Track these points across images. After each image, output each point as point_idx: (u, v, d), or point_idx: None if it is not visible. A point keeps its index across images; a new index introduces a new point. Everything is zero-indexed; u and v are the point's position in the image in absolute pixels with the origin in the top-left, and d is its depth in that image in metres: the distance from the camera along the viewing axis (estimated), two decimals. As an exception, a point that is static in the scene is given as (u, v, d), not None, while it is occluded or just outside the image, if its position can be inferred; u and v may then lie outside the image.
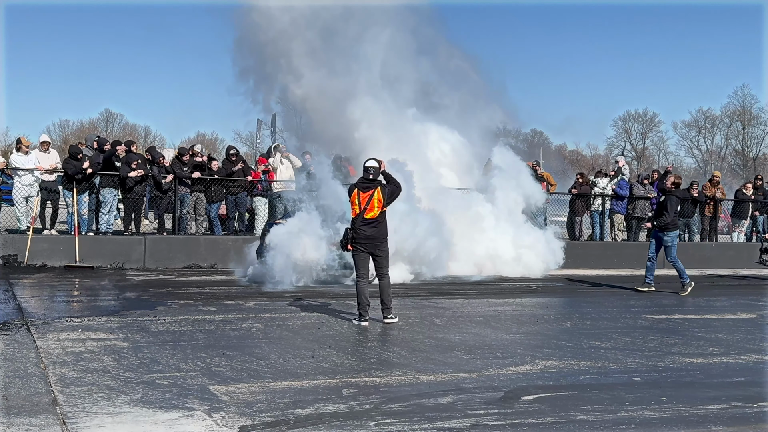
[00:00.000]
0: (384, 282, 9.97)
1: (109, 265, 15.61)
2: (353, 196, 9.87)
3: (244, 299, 11.77)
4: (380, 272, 9.99)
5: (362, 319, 9.85)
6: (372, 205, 9.74)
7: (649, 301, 13.54)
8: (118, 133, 69.17)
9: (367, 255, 9.91)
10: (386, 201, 9.82)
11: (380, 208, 9.77)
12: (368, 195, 9.76)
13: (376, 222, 9.78)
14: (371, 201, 9.74)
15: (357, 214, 9.80)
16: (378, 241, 9.82)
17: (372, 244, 9.81)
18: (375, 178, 9.85)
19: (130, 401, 5.93)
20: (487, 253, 17.15)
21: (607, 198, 21.28)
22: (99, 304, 11.00)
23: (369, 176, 9.81)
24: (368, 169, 9.86)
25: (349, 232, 9.86)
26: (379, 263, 9.95)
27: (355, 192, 9.87)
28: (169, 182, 17.05)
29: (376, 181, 9.86)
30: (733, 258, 22.19)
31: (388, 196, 9.83)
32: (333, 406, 6.00)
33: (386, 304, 9.96)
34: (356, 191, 9.86)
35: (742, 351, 8.98)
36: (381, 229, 9.83)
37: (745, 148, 79.06)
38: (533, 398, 6.49)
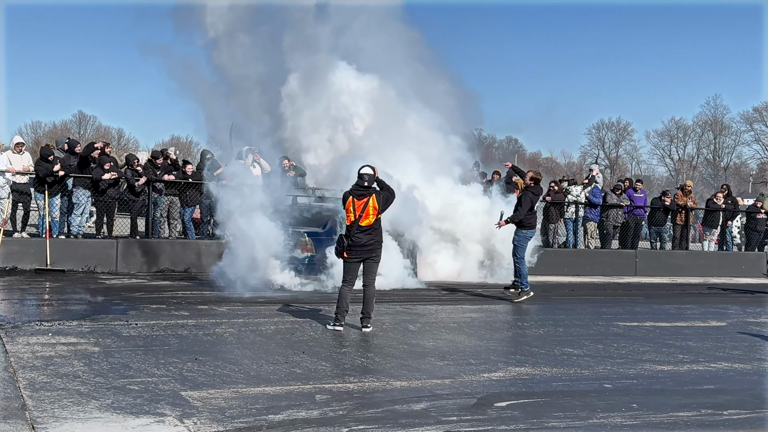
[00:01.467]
0: (369, 291, 9.89)
1: (80, 269, 15.44)
2: (348, 203, 9.76)
3: (217, 304, 11.70)
4: (368, 279, 9.91)
5: (337, 324, 9.78)
6: (367, 213, 9.67)
7: (621, 309, 13.65)
8: (91, 135, 68.61)
9: (359, 263, 9.87)
10: (381, 208, 9.77)
11: (375, 215, 9.71)
12: (363, 202, 9.68)
13: (371, 229, 9.73)
14: (366, 208, 9.67)
15: (352, 222, 9.71)
16: (373, 247, 9.78)
17: (367, 250, 9.76)
18: (370, 185, 9.77)
19: (101, 406, 5.87)
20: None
21: (581, 206, 21.44)
22: (70, 308, 10.88)
23: (364, 183, 9.72)
24: (363, 176, 9.76)
25: (344, 239, 9.76)
26: (369, 268, 9.88)
27: (350, 200, 9.77)
28: (142, 185, 16.92)
29: (371, 189, 9.78)
30: (704, 266, 22.43)
31: (382, 203, 9.78)
32: (306, 412, 5.98)
33: (367, 314, 9.88)
34: (351, 198, 9.76)
35: (712, 359, 9.09)
36: (376, 236, 9.79)
37: (717, 158, 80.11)
38: (506, 405, 6.51)
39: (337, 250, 9.93)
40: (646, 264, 21.60)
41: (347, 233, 9.78)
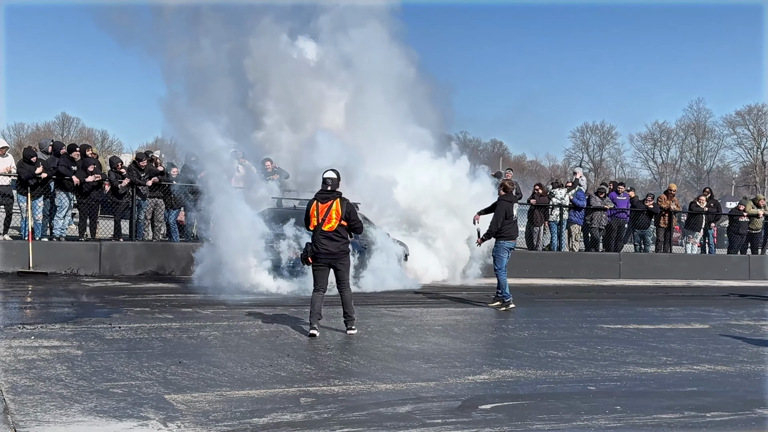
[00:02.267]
0: (346, 294, 9.78)
1: (63, 272, 15.35)
2: (312, 208, 9.65)
3: (201, 307, 11.66)
4: (341, 285, 9.78)
5: (311, 328, 9.56)
6: (330, 217, 9.51)
7: (604, 311, 13.71)
8: (75, 137, 68.15)
9: (327, 269, 9.72)
10: (344, 214, 9.56)
11: (338, 220, 9.52)
12: (326, 206, 9.56)
13: (336, 234, 9.55)
14: (329, 212, 9.52)
15: (315, 227, 9.60)
16: (338, 255, 9.60)
17: (332, 258, 9.60)
18: (334, 190, 9.66)
19: (84, 410, 5.83)
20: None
21: (565, 209, 21.52)
22: (53, 311, 10.81)
23: (327, 188, 9.62)
24: (326, 180, 9.66)
25: (309, 246, 9.68)
26: (340, 277, 9.73)
27: (314, 204, 9.67)
28: (125, 187, 16.83)
29: (335, 193, 9.66)
30: (687, 269, 22.57)
31: (346, 210, 9.58)
32: (291, 415, 5.97)
33: (349, 315, 9.80)
34: (315, 203, 9.66)
35: (695, 361, 9.14)
36: (341, 244, 9.60)
37: (699, 161, 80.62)
38: (490, 407, 6.52)
39: (302, 255, 9.83)
40: (629, 266, 21.72)
41: (312, 239, 9.67)
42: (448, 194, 17.81)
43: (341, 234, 9.59)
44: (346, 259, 9.77)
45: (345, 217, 9.56)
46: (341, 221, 9.54)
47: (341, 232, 9.59)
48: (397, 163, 17.67)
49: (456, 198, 17.69)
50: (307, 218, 9.69)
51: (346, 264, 9.79)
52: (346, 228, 9.62)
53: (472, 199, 16.81)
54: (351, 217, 9.61)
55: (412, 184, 17.63)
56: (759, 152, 76.07)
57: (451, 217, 17.70)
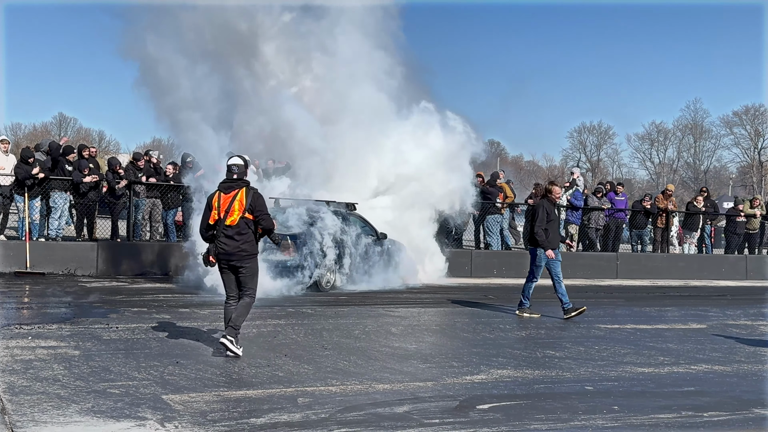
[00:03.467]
0: (242, 301, 8.25)
1: (60, 272, 15.33)
2: (213, 200, 8.21)
3: (199, 307, 11.65)
4: (241, 291, 8.29)
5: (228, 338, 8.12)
6: (233, 209, 8.08)
7: (602, 311, 13.72)
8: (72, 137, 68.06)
9: (231, 272, 8.30)
10: (248, 205, 8.08)
11: (241, 213, 8.06)
12: (230, 197, 8.12)
13: (237, 232, 8.09)
14: (232, 204, 8.09)
15: (216, 221, 8.14)
16: (239, 256, 8.12)
17: (234, 259, 8.14)
18: (240, 178, 8.23)
19: (81, 410, 5.83)
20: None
21: (563, 209, 21.54)
22: (50, 312, 10.80)
23: (233, 176, 8.18)
24: (231, 167, 8.23)
25: (212, 244, 8.26)
26: (243, 282, 8.25)
27: (216, 195, 8.24)
28: (122, 187, 16.83)
29: (242, 182, 8.23)
30: (684, 269, 22.60)
31: (251, 201, 8.09)
32: (288, 416, 5.97)
33: (233, 324, 8.14)
34: (217, 194, 8.24)
35: (692, 361, 9.15)
36: (244, 243, 8.11)
37: (697, 161, 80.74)
38: (488, 407, 6.53)
39: (204, 256, 8.39)
40: (626, 266, 21.73)
41: (214, 235, 8.21)
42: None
43: (244, 230, 8.11)
44: (250, 261, 8.22)
45: (249, 208, 8.10)
46: (245, 213, 8.09)
47: (244, 227, 8.11)
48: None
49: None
50: (207, 212, 8.29)
51: (250, 267, 8.23)
52: (251, 223, 8.15)
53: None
54: (257, 208, 8.13)
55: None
56: (756, 152, 76.20)
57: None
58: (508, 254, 20.69)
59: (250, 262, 8.21)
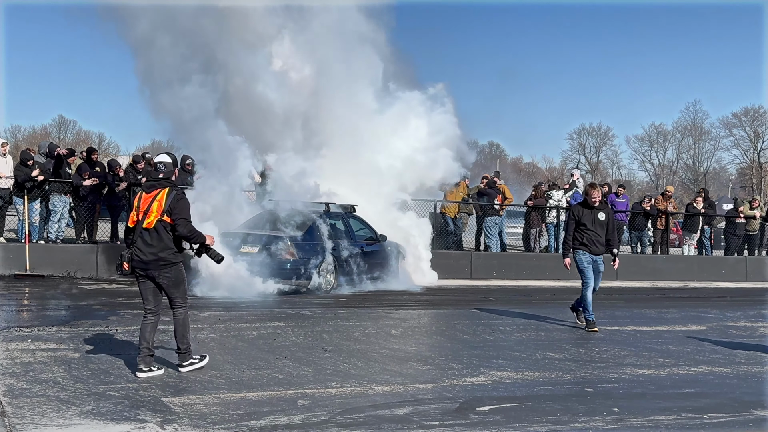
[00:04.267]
0: (176, 317, 7.50)
1: (60, 274, 15.32)
2: (135, 199, 7.53)
3: (198, 309, 11.63)
4: (171, 304, 7.52)
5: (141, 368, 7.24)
6: (151, 210, 7.27)
7: (601, 313, 13.69)
8: (71, 139, 68.15)
9: (149, 282, 7.46)
10: (168, 207, 7.26)
11: (159, 215, 7.24)
12: (151, 197, 7.34)
13: (152, 235, 7.27)
14: (152, 205, 7.29)
15: (135, 223, 7.38)
16: (156, 265, 7.29)
17: (151, 267, 7.32)
18: (167, 178, 7.43)
19: (81, 413, 5.83)
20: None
21: (562, 210, 21.53)
22: (49, 314, 10.80)
23: (158, 174, 7.43)
24: (158, 165, 7.50)
25: (126, 250, 7.47)
26: (168, 293, 7.46)
27: (138, 195, 7.53)
28: (122, 190, 16.82)
29: (167, 182, 7.43)
30: (684, 270, 22.60)
31: (172, 203, 7.27)
32: (288, 418, 5.97)
33: (179, 347, 7.48)
34: (139, 193, 7.51)
35: (692, 362, 9.15)
36: (157, 249, 7.26)
37: (696, 163, 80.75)
38: (488, 409, 6.52)
39: (117, 262, 7.57)
40: (626, 268, 21.66)
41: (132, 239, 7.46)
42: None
43: (161, 235, 7.28)
44: (170, 270, 7.37)
45: (168, 210, 7.26)
46: (163, 216, 7.26)
47: (161, 232, 7.28)
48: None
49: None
50: (128, 213, 7.66)
51: (171, 277, 7.39)
52: (169, 227, 7.32)
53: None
54: (174, 211, 7.27)
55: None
56: (755, 154, 76.19)
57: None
58: (507, 256, 20.70)
59: (169, 271, 7.35)
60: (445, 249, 19.76)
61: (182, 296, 7.49)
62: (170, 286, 7.41)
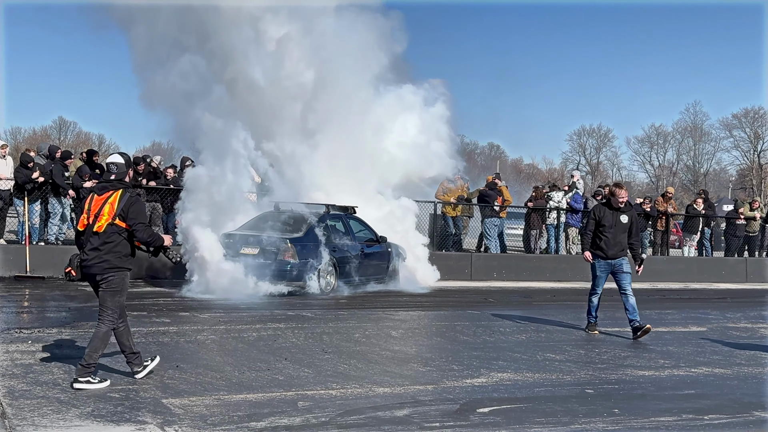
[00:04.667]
0: (99, 329, 6.98)
1: (60, 276, 15.29)
2: (86, 201, 7.10)
3: (198, 311, 11.64)
4: (100, 313, 7.04)
5: (136, 369, 7.12)
6: (102, 213, 6.89)
7: (602, 314, 13.69)
8: (72, 141, 68.16)
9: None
10: (120, 212, 6.88)
11: (110, 218, 6.86)
12: (102, 199, 6.96)
13: (104, 239, 6.87)
14: (103, 207, 6.91)
15: (86, 227, 6.98)
16: (100, 268, 6.88)
17: (93, 270, 6.91)
18: (119, 179, 7.07)
19: (81, 414, 5.83)
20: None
21: (562, 212, 21.54)
22: (50, 316, 10.80)
23: (110, 176, 7.05)
24: (109, 166, 7.10)
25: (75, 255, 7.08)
26: (101, 299, 7.00)
27: (88, 197, 7.11)
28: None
29: (119, 183, 7.06)
30: (684, 272, 22.59)
31: (125, 206, 6.90)
32: (288, 419, 5.97)
33: (85, 359, 6.79)
34: (90, 196, 7.10)
35: (693, 364, 9.15)
36: (104, 253, 6.86)
37: (696, 164, 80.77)
38: (488, 410, 6.52)
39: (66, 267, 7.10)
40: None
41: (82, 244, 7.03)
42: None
43: (111, 239, 6.89)
44: (112, 274, 6.93)
45: (121, 214, 6.89)
46: (114, 219, 6.88)
47: (112, 236, 6.89)
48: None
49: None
50: (78, 216, 7.31)
51: (112, 282, 6.94)
52: (124, 232, 6.94)
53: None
54: (130, 215, 6.92)
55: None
56: (755, 155, 76.22)
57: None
58: (507, 257, 20.70)
59: (112, 276, 6.91)
60: (445, 250, 19.78)
61: (113, 307, 7.00)
62: (106, 291, 6.94)
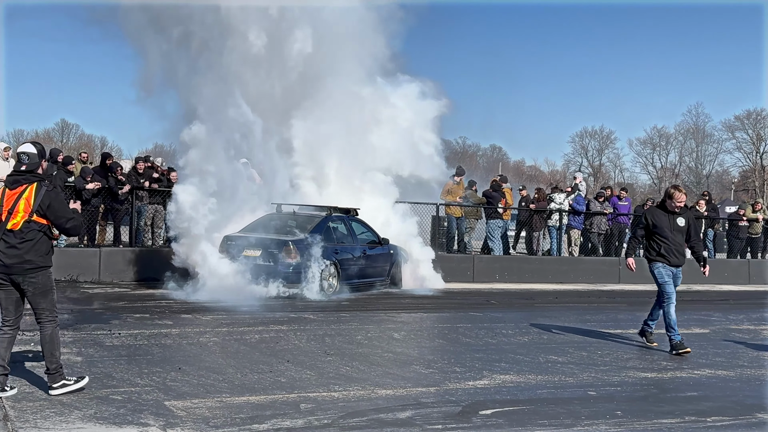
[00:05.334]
0: (44, 333, 6.66)
1: (63, 278, 15.30)
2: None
3: (201, 313, 11.65)
4: (37, 317, 6.72)
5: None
6: (17, 209, 6.41)
7: (604, 316, 13.71)
8: (74, 143, 68.21)
9: (12, 289, 6.59)
10: (38, 207, 6.43)
11: (27, 215, 6.41)
12: (15, 194, 6.45)
13: (21, 237, 6.43)
14: (17, 203, 6.42)
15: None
16: (21, 269, 6.47)
17: (13, 272, 6.47)
18: (31, 171, 6.53)
19: (84, 417, 5.83)
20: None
21: (564, 214, 21.53)
22: (52, 318, 10.79)
23: (21, 167, 6.52)
24: (20, 156, 6.55)
25: None
26: (33, 303, 6.62)
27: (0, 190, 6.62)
28: (125, 193, 16.84)
29: (33, 176, 6.53)
30: (686, 273, 22.40)
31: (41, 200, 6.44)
32: (291, 421, 5.96)
33: (48, 367, 6.53)
34: (2, 190, 6.59)
35: (695, 366, 9.14)
36: (24, 251, 6.44)
37: (699, 166, 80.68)
38: (491, 413, 6.52)
39: None
40: (629, 271, 21.56)
41: None
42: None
43: (30, 237, 6.47)
44: (35, 275, 6.56)
45: (39, 210, 6.44)
46: (32, 216, 6.43)
47: (31, 233, 6.47)
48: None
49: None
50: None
51: (38, 283, 6.61)
52: (44, 227, 6.56)
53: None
54: (50, 211, 6.50)
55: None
56: (758, 156, 76.13)
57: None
58: (510, 259, 20.68)
59: (35, 276, 6.56)
60: (448, 252, 19.77)
61: (50, 307, 6.69)
62: (36, 294, 6.58)
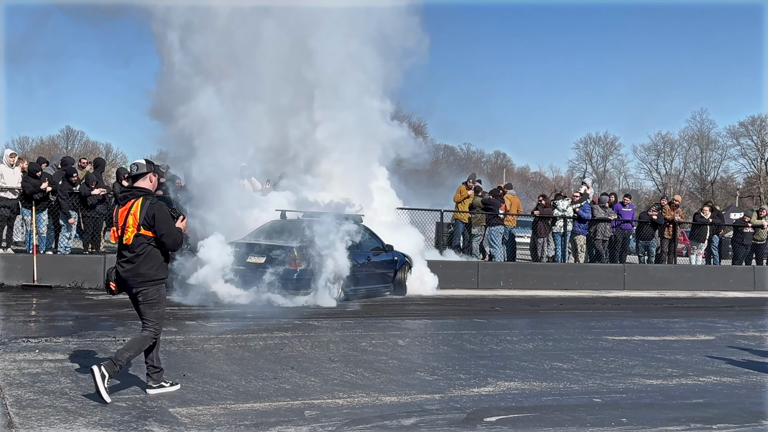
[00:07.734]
0: (141, 334, 6.92)
1: (67, 285, 15.35)
2: (113, 213, 7.01)
3: (205, 319, 11.65)
4: (142, 322, 6.98)
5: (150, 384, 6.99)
6: (127, 225, 6.73)
7: (609, 323, 13.68)
8: (79, 150, 68.30)
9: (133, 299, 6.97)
10: (143, 221, 6.70)
11: (135, 229, 6.69)
12: (125, 210, 6.78)
13: (132, 252, 6.74)
14: (127, 219, 6.74)
15: (117, 239, 6.88)
16: (135, 282, 6.78)
17: (128, 284, 6.83)
18: (137, 187, 6.86)
19: (88, 423, 5.83)
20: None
21: (569, 220, 21.50)
22: (57, 325, 10.81)
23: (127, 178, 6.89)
24: (130, 168, 6.98)
25: (112, 268, 6.99)
26: (141, 312, 6.92)
27: (114, 210, 7.01)
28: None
29: (139, 191, 6.84)
30: (691, 280, 22.52)
31: (146, 215, 6.71)
32: (295, 428, 5.96)
33: (116, 357, 6.71)
34: (116, 207, 6.95)
35: (701, 372, 9.11)
36: (138, 266, 6.75)
37: (703, 172, 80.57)
38: (496, 419, 6.51)
39: (104, 281, 7.11)
40: (634, 278, 21.66)
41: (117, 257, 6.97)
42: None
43: (142, 250, 6.74)
44: (147, 287, 6.82)
45: (144, 222, 6.70)
46: (140, 230, 6.70)
47: (142, 247, 6.74)
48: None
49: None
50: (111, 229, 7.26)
51: (147, 294, 6.84)
52: (153, 241, 6.77)
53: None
54: (156, 224, 6.72)
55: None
56: (763, 163, 76.01)
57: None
58: (514, 266, 20.66)
59: (147, 288, 6.79)
60: (452, 258, 19.75)
61: (155, 318, 6.90)
62: (145, 304, 6.85)
